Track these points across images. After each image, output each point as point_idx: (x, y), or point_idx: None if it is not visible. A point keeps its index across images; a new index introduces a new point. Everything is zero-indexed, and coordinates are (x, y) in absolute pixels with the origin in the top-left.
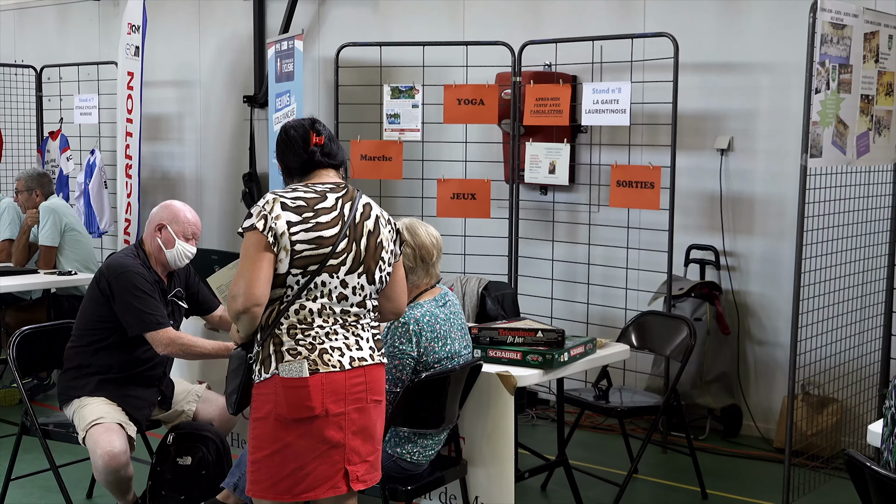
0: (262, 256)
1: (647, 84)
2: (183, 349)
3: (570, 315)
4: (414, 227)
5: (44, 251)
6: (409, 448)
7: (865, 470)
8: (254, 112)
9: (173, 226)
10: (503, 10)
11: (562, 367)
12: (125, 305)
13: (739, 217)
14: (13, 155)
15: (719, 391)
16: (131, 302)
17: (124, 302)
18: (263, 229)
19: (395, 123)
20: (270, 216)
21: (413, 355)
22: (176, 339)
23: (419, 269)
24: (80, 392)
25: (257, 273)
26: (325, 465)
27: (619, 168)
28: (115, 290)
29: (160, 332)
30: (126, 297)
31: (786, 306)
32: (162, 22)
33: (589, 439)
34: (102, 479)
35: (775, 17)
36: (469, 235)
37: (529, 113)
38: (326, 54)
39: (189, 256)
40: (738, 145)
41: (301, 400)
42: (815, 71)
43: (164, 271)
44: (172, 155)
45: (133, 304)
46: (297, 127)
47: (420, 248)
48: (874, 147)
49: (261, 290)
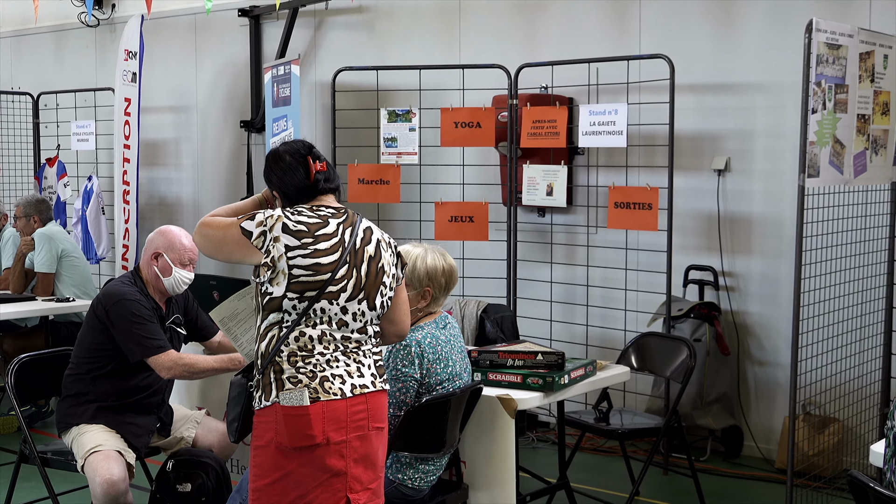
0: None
1: (643, 105)
2: (187, 369)
3: (570, 337)
4: (446, 255)
5: (41, 278)
6: (411, 473)
7: (868, 490)
8: (251, 137)
9: (169, 253)
10: (499, 32)
11: (562, 390)
12: (125, 333)
13: (737, 237)
14: (10, 182)
15: (720, 412)
16: (131, 329)
17: (124, 329)
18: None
19: (392, 147)
20: (269, 234)
21: (416, 377)
22: (178, 361)
23: (441, 297)
24: (79, 419)
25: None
26: (326, 493)
27: (616, 189)
28: (114, 318)
29: (162, 356)
30: (125, 325)
31: (785, 326)
32: (158, 48)
33: (590, 461)
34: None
35: (770, 37)
36: (467, 258)
37: (526, 135)
38: (323, 78)
39: (186, 283)
40: (735, 166)
41: (302, 428)
42: (812, 91)
43: (162, 298)
44: (170, 180)
45: (133, 330)
46: (293, 153)
47: (451, 278)
48: (871, 166)
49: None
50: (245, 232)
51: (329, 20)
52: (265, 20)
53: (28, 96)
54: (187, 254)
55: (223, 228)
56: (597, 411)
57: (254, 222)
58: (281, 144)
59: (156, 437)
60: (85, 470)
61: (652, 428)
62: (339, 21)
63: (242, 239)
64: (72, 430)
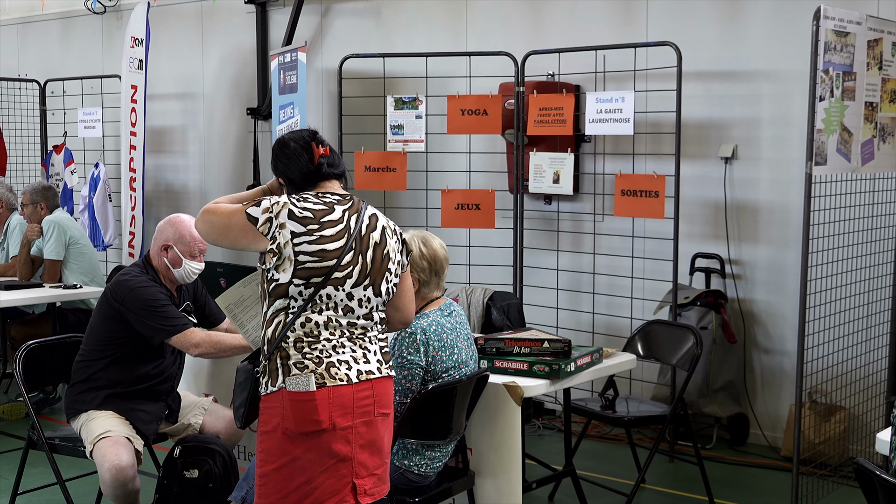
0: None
1: (650, 93)
2: (215, 346)
3: (576, 325)
4: (429, 241)
5: (48, 265)
6: (417, 460)
7: (875, 478)
8: (257, 124)
9: (179, 245)
10: (505, 19)
11: (568, 377)
12: (145, 319)
13: (744, 225)
14: (17, 169)
15: (726, 400)
16: (152, 314)
17: (144, 316)
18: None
19: (398, 134)
20: (275, 220)
21: (422, 365)
22: (206, 338)
23: (432, 281)
24: (88, 406)
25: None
26: (332, 478)
27: (623, 177)
28: (131, 307)
29: (187, 334)
30: (145, 311)
31: (792, 314)
32: (165, 35)
33: (596, 449)
34: (110, 492)
35: (777, 25)
36: (474, 246)
37: (533, 123)
38: (330, 66)
39: (197, 273)
40: (742, 153)
41: (308, 414)
42: (819, 79)
43: (173, 286)
44: (176, 167)
45: (154, 314)
46: (297, 139)
47: (435, 262)
48: (879, 154)
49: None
50: (251, 218)
51: (335, 7)
52: (271, 7)
53: (35, 83)
54: (197, 245)
55: (228, 215)
56: (603, 399)
57: (259, 209)
58: (287, 133)
59: (164, 423)
60: (94, 456)
61: (658, 415)
62: (345, 8)
63: (248, 225)
64: (81, 416)
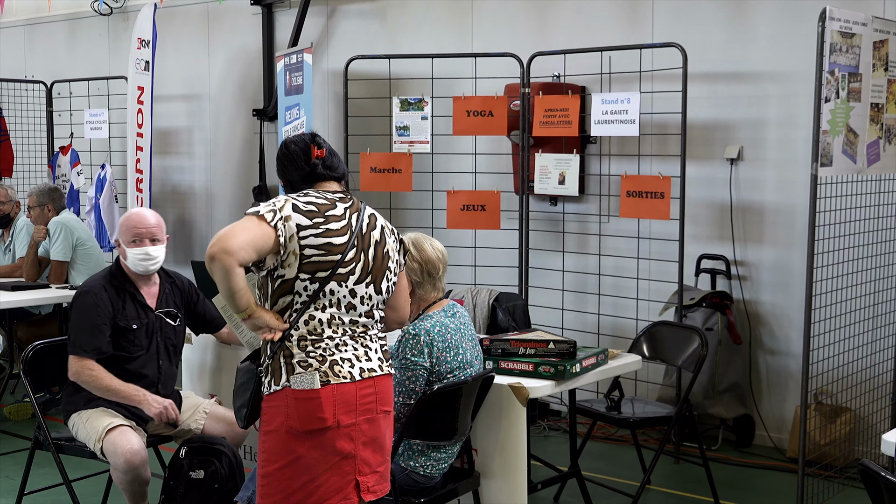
0: (257, 224)
1: (655, 94)
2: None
3: (581, 326)
4: (419, 242)
5: (55, 266)
6: (422, 461)
7: (880, 479)
8: (263, 125)
9: (121, 237)
10: (511, 21)
11: (574, 378)
12: (70, 322)
13: (750, 226)
14: (24, 170)
15: (731, 401)
16: (73, 320)
17: (71, 319)
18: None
19: (404, 135)
20: (280, 213)
21: (426, 366)
22: (84, 368)
23: (426, 283)
24: (76, 407)
25: (242, 229)
26: (336, 476)
27: (628, 178)
28: (71, 309)
29: (75, 359)
30: (72, 315)
31: (797, 315)
32: (171, 36)
33: (601, 450)
34: (122, 479)
35: (783, 26)
36: (479, 247)
37: (539, 124)
38: (335, 67)
39: (144, 259)
40: (748, 155)
41: (313, 412)
42: (825, 80)
43: (147, 283)
44: (182, 169)
45: (74, 321)
46: (298, 142)
47: (426, 263)
48: (885, 155)
49: (237, 242)
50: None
51: (341, 8)
52: (277, 8)
53: (42, 85)
54: (132, 231)
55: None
56: (608, 400)
57: (261, 207)
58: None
59: (163, 427)
60: (104, 449)
61: (663, 417)
62: (351, 9)
63: (252, 219)
64: (72, 418)
